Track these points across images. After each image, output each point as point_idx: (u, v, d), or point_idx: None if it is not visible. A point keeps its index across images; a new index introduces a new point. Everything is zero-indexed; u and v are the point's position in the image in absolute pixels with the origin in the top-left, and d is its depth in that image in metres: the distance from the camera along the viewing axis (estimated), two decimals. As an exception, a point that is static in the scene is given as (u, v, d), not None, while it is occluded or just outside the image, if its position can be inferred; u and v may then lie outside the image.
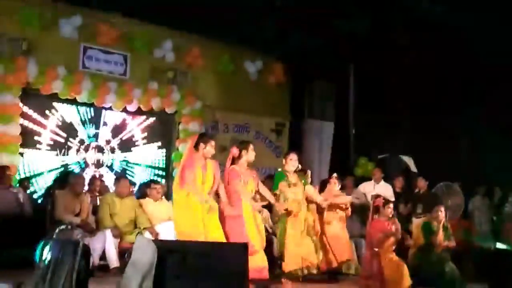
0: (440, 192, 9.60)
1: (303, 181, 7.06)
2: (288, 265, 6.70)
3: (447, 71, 10.95)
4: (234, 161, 6.53)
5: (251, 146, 6.57)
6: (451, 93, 11.34)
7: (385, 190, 9.31)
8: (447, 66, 10.84)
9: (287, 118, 12.29)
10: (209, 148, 6.16)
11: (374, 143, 11.14)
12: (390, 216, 7.31)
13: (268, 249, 6.84)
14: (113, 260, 6.84)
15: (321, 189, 7.91)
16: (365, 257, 7.36)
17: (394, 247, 7.20)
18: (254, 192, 6.58)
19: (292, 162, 7.05)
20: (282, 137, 12.23)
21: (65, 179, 7.58)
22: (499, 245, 8.53)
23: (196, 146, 6.17)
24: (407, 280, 6.93)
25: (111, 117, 10.29)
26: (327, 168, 11.98)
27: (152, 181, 8.41)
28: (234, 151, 6.56)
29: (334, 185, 7.84)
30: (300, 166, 7.12)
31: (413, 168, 10.66)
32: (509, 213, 9.36)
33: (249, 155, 6.51)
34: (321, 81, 12.75)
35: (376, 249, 7.10)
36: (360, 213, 8.77)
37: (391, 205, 7.40)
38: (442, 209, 7.62)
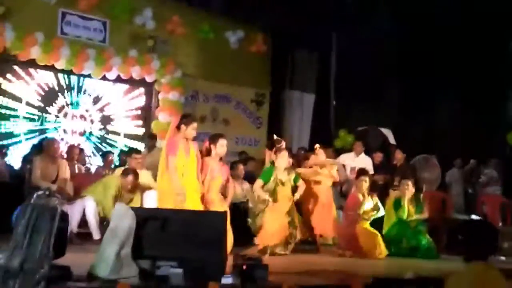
0: (417, 164, 9.72)
1: (292, 177, 7.04)
2: (263, 241, 6.76)
3: (427, 44, 10.98)
4: (208, 153, 6.50)
5: (220, 141, 6.46)
6: (431, 66, 11.40)
7: (364, 162, 9.39)
8: (428, 39, 10.86)
9: (267, 89, 12.25)
10: (191, 130, 6.11)
11: (355, 115, 11.19)
12: (366, 188, 7.40)
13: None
14: (95, 230, 6.81)
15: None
16: (342, 228, 7.47)
17: (369, 218, 7.33)
18: (220, 185, 6.52)
19: (283, 159, 7.01)
20: (262, 108, 12.22)
21: (42, 145, 7.51)
22: (474, 217, 8.69)
23: (178, 127, 6.13)
24: (382, 249, 7.09)
25: (90, 85, 10.18)
26: (307, 140, 12.03)
27: (133, 150, 8.31)
28: (206, 144, 6.55)
29: (321, 155, 7.88)
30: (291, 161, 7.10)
31: (392, 141, 10.74)
32: (484, 185, 9.49)
33: (218, 149, 6.44)
34: (302, 52, 12.70)
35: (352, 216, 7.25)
36: (338, 184, 8.84)
37: (367, 178, 7.49)
38: (409, 183, 7.72)
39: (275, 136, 7.66)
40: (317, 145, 8.07)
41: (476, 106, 10.30)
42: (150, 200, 6.97)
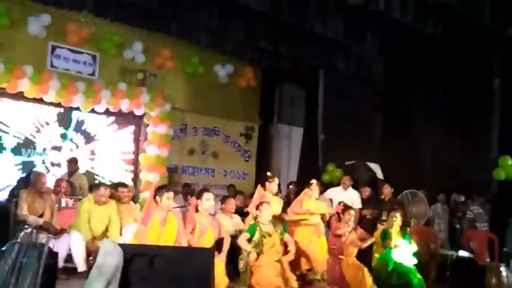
0: (405, 199, 9.72)
1: (279, 231, 6.97)
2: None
3: (412, 79, 11.10)
4: (197, 209, 6.47)
5: (205, 195, 6.45)
6: (416, 101, 11.51)
7: (352, 196, 9.39)
8: (413, 75, 10.99)
9: (256, 122, 12.32)
10: (165, 201, 6.00)
11: (343, 150, 11.20)
12: (350, 222, 7.38)
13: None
14: (80, 263, 6.70)
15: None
16: (328, 263, 7.42)
17: (355, 252, 7.30)
18: (213, 241, 6.44)
19: (266, 212, 6.86)
20: (251, 141, 12.27)
21: (29, 178, 7.44)
22: (461, 253, 8.67)
23: (154, 198, 6.11)
24: (369, 282, 7.01)
25: (79, 118, 10.18)
26: (295, 174, 12.04)
27: (120, 184, 8.27)
28: (193, 201, 6.53)
29: (315, 191, 7.84)
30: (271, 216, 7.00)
31: (380, 175, 10.76)
32: (471, 221, 9.49)
33: (203, 204, 6.41)
34: (291, 86, 12.83)
35: (340, 256, 7.21)
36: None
37: (352, 212, 7.47)
38: (398, 215, 7.65)
39: (268, 173, 7.65)
40: (313, 181, 8.00)
41: (462, 142, 10.36)
42: (129, 234, 6.89)
